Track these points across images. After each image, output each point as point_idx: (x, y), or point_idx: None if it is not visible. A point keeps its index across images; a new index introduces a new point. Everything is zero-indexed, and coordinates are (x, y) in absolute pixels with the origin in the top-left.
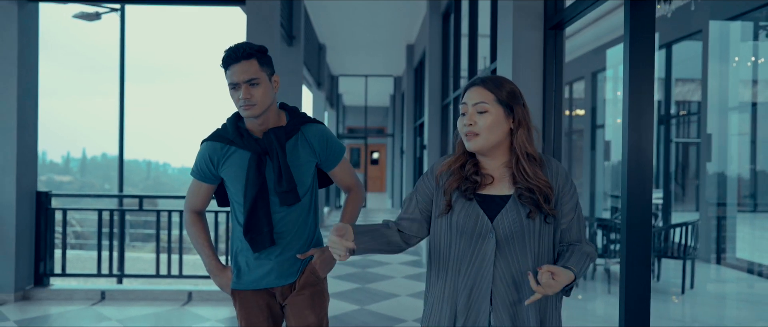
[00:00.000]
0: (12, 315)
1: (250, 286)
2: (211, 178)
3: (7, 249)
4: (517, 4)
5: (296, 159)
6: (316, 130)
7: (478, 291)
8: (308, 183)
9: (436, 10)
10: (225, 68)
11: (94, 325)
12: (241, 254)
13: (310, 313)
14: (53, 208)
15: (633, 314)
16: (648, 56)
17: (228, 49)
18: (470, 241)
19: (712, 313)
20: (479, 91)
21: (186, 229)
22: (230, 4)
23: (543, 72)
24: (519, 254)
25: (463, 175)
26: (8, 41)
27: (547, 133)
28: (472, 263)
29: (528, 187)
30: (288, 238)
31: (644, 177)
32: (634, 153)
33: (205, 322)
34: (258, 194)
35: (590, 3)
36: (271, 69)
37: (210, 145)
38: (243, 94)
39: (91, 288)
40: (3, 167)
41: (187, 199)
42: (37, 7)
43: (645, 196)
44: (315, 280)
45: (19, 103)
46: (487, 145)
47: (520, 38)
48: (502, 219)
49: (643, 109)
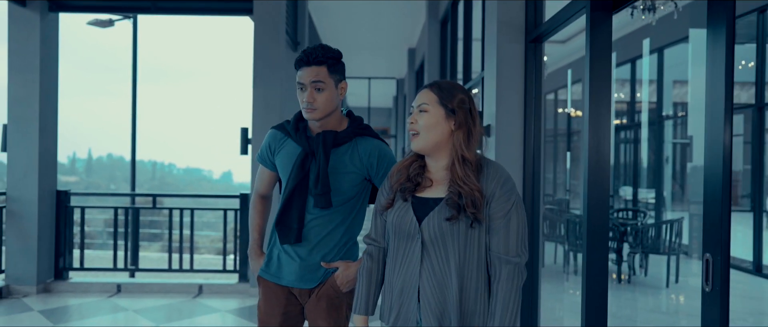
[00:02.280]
0: (35, 305)
1: (273, 278)
2: (269, 164)
3: (30, 245)
4: (500, 19)
5: (341, 166)
6: (371, 145)
7: (408, 289)
8: (348, 193)
9: (434, 16)
10: (296, 68)
11: (112, 314)
12: (275, 246)
13: (324, 324)
14: (72, 206)
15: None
16: (606, 70)
17: (303, 50)
18: (402, 241)
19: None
20: (424, 93)
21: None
22: (239, 14)
23: (524, 81)
24: (443, 257)
25: (408, 175)
26: (31, 50)
27: (527, 137)
28: (403, 262)
29: (458, 191)
30: (316, 242)
31: (603, 175)
32: (594, 153)
33: (216, 312)
34: (296, 189)
35: (563, 21)
36: (341, 76)
37: (273, 132)
38: (307, 97)
39: (108, 281)
40: (26, 168)
41: (255, 183)
42: (57, 17)
43: (603, 192)
44: (334, 293)
45: (41, 109)
46: (426, 144)
47: (503, 50)
48: (428, 222)
49: (601, 115)
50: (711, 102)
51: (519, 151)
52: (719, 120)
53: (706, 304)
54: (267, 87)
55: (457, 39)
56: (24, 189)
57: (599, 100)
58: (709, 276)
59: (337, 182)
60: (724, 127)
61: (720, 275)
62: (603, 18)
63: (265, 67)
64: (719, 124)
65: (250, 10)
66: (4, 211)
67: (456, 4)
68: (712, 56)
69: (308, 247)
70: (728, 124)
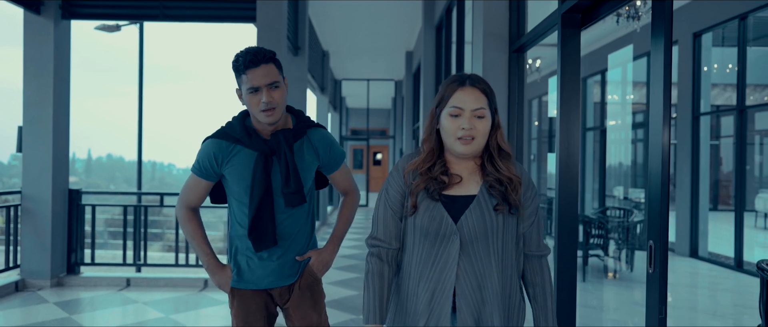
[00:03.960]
0: (50, 298)
1: (250, 285)
2: (212, 175)
3: (44, 241)
4: (486, 31)
5: (301, 161)
6: (321, 135)
7: (441, 292)
8: (309, 184)
9: (430, 22)
10: (242, 72)
11: (124, 305)
12: (241, 254)
13: (313, 313)
14: (83, 204)
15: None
16: (575, 78)
17: (244, 52)
18: (434, 243)
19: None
20: (477, 96)
21: (181, 225)
22: (243, 21)
23: (508, 86)
24: (483, 255)
25: (432, 175)
26: (45, 55)
27: (510, 138)
28: (436, 265)
29: (497, 179)
30: (290, 240)
31: (572, 174)
32: (564, 155)
33: (220, 304)
34: (264, 194)
35: (541, 33)
36: (283, 73)
37: (215, 142)
38: (266, 98)
39: (117, 276)
40: (40, 168)
41: (182, 194)
42: (69, 25)
43: (573, 189)
44: (313, 280)
45: (54, 111)
46: (479, 149)
47: (489, 59)
48: (466, 220)
49: (571, 119)
50: (653, 108)
51: None
52: (658, 124)
53: (650, 283)
54: None
55: (451, 43)
56: (38, 188)
57: (570, 104)
58: (652, 260)
59: (303, 177)
60: (662, 130)
61: (659, 259)
62: (572, 34)
63: None
64: (658, 127)
65: (253, 18)
66: (20, 208)
67: (450, 11)
68: (654, 68)
69: (284, 247)
70: (667, 127)
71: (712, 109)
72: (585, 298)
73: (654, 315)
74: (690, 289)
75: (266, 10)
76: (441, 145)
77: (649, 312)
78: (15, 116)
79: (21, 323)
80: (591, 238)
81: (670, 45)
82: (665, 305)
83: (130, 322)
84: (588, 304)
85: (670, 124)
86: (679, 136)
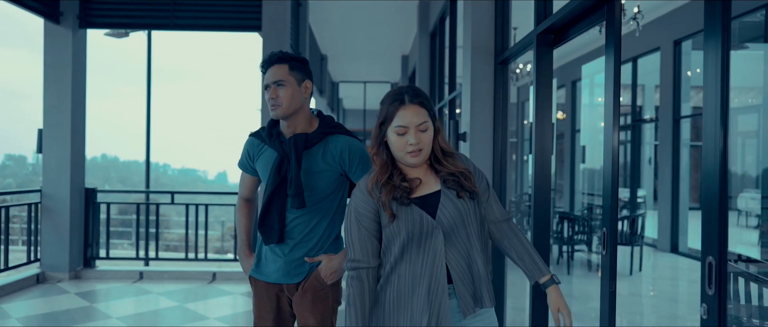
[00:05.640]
0: (70, 289)
1: (263, 277)
2: (250, 169)
3: (63, 236)
4: (474, 45)
5: (314, 166)
6: (341, 142)
7: (436, 284)
8: (325, 190)
9: (424, 30)
10: (262, 74)
11: (139, 296)
12: (262, 246)
13: (310, 316)
14: (99, 202)
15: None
16: (548, 89)
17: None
18: (420, 243)
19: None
20: (418, 111)
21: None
22: (249, 30)
23: (493, 95)
24: (464, 238)
25: (393, 184)
26: (64, 62)
27: (495, 142)
28: (425, 263)
29: (450, 172)
30: (297, 239)
31: (546, 173)
32: (539, 156)
33: (229, 295)
34: (274, 192)
35: (521, 48)
36: (303, 75)
37: (250, 140)
38: (270, 94)
39: (131, 269)
40: (59, 168)
41: (239, 186)
42: (86, 33)
43: (546, 187)
44: (319, 285)
45: (72, 115)
46: (427, 155)
47: (476, 70)
48: (442, 213)
49: (544, 125)
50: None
51: (489, 154)
52: (610, 126)
53: (603, 263)
54: None
55: (445, 49)
56: (57, 187)
57: (543, 111)
58: (605, 244)
59: (312, 182)
60: (612, 134)
61: (610, 244)
62: (546, 52)
63: None
64: (609, 132)
65: (259, 27)
66: (40, 206)
67: (443, 19)
68: (607, 73)
69: (291, 245)
70: (616, 131)
71: (693, 112)
72: (569, 290)
73: (606, 289)
74: (670, 282)
75: (271, 20)
76: (392, 156)
77: (602, 286)
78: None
79: (47, 311)
80: (576, 234)
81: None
82: (615, 281)
83: (146, 310)
84: (572, 295)
85: (619, 130)
86: (660, 138)
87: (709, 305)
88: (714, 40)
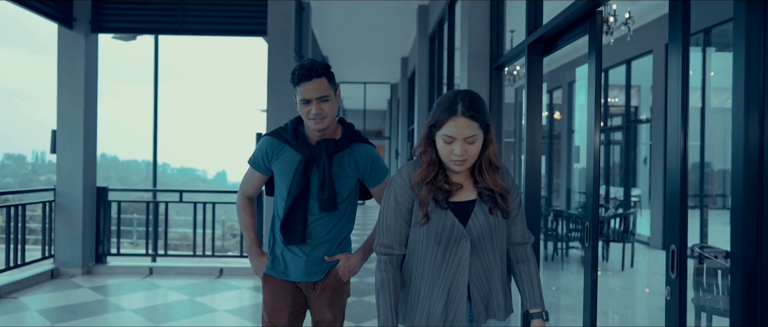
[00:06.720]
0: (84, 283)
1: (280, 275)
2: (264, 169)
3: (76, 233)
4: (470, 51)
5: (341, 171)
6: (364, 151)
7: (456, 290)
8: (347, 194)
9: (424, 33)
10: (296, 84)
11: (150, 290)
12: (278, 245)
13: (328, 311)
14: (110, 200)
15: None
16: (538, 94)
17: (300, 67)
18: (446, 247)
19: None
20: (468, 124)
21: (237, 211)
22: (254, 35)
23: (489, 99)
24: (489, 251)
25: (436, 185)
26: (77, 66)
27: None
28: (449, 266)
29: (487, 188)
30: (319, 240)
31: (536, 172)
32: (530, 156)
33: (236, 289)
34: (299, 195)
35: (515, 55)
36: (335, 85)
37: (269, 139)
38: (315, 110)
39: (141, 265)
40: (72, 167)
41: (241, 184)
42: (97, 38)
43: (536, 185)
44: (336, 282)
45: (85, 116)
46: (471, 164)
47: (473, 75)
48: (473, 223)
49: (535, 127)
50: (588, 115)
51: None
52: (591, 128)
53: (585, 255)
54: (279, 99)
55: (443, 52)
56: (71, 185)
57: (534, 114)
58: (588, 237)
59: (338, 186)
60: (594, 134)
61: (592, 237)
62: (536, 60)
63: (276, 82)
64: (591, 132)
65: (264, 32)
66: (54, 204)
67: (442, 23)
68: (589, 79)
69: (312, 245)
70: (597, 132)
71: None
72: (559, 282)
73: (588, 278)
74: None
75: (276, 25)
76: (438, 156)
77: (585, 276)
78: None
79: (65, 304)
80: (570, 231)
81: (600, 71)
82: (597, 271)
83: (158, 302)
84: (565, 288)
85: (600, 131)
86: (653, 138)
87: (672, 287)
88: (676, 47)
